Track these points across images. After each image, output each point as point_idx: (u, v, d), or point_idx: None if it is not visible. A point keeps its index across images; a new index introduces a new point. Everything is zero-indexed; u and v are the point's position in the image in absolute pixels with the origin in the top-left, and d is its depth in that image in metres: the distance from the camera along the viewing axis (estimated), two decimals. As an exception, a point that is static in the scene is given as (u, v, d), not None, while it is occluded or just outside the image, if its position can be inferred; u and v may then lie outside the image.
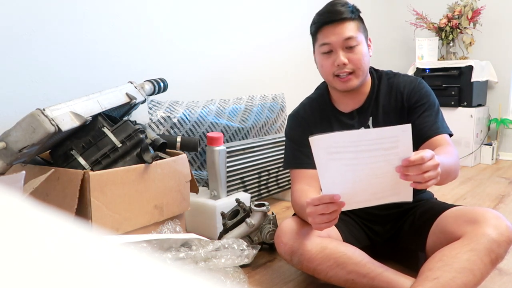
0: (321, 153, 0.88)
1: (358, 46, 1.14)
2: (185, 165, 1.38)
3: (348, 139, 0.88)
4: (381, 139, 0.87)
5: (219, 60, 2.14)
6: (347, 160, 0.88)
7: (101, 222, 1.12)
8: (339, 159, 0.88)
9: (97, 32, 1.61)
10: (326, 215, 0.93)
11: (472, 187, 2.30)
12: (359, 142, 0.87)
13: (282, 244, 1.11)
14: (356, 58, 1.14)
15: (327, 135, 0.87)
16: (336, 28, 1.13)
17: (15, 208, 0.20)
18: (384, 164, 0.89)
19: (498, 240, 0.96)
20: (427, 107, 1.17)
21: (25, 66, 1.42)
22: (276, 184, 2.00)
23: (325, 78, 1.21)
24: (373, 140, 0.87)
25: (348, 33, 1.13)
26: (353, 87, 1.17)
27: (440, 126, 1.16)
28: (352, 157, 0.88)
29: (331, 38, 1.13)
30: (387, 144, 0.87)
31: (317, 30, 1.17)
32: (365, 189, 0.93)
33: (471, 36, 3.00)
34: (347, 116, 1.25)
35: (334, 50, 1.14)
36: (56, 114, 1.08)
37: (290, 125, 1.32)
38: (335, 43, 1.13)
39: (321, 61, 1.18)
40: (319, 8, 1.20)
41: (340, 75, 1.15)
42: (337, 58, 1.14)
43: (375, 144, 0.87)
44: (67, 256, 0.16)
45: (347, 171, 0.89)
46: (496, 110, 3.08)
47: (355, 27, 1.15)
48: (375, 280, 1.03)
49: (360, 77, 1.17)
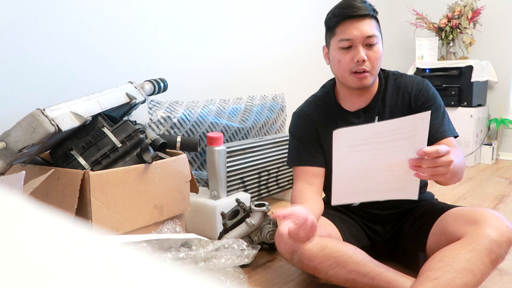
0: (342, 146, 0.88)
1: (377, 45, 1.14)
2: (185, 165, 1.38)
3: (371, 130, 0.89)
4: (401, 128, 0.87)
5: (219, 60, 2.14)
6: (367, 151, 0.89)
7: (101, 222, 1.12)
8: (358, 151, 0.89)
9: (97, 32, 1.61)
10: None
11: (472, 187, 2.30)
12: (381, 134, 0.88)
13: (282, 244, 1.11)
14: (375, 57, 1.13)
15: (351, 128, 0.88)
16: (359, 24, 1.11)
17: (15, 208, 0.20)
18: (400, 154, 0.89)
19: (499, 241, 0.96)
20: (434, 110, 1.17)
21: (25, 66, 1.42)
22: (276, 184, 2.00)
23: (340, 74, 1.18)
24: (394, 130, 0.88)
25: (371, 30, 1.11)
26: (367, 85, 1.16)
27: (447, 129, 1.16)
28: (372, 148, 0.89)
29: (354, 33, 1.11)
30: (406, 133, 0.88)
31: (337, 24, 1.14)
32: (375, 178, 0.94)
33: (471, 36, 3.00)
34: (353, 115, 1.24)
35: (354, 46, 1.12)
36: (56, 114, 1.08)
37: (294, 122, 1.31)
38: (357, 39, 1.11)
39: (338, 56, 1.15)
40: (319, 8, 1.21)
41: (358, 71, 1.14)
42: (357, 53, 1.11)
43: (395, 134, 0.88)
44: (67, 256, 0.16)
45: (363, 162, 0.91)
46: (496, 110, 3.08)
47: (375, 25, 1.14)
48: (375, 280, 1.03)
49: (374, 76, 1.17)
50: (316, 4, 2.70)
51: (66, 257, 0.16)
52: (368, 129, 0.89)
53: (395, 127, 0.88)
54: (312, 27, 2.62)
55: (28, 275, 0.14)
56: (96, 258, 0.17)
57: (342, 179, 0.92)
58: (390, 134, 0.88)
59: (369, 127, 0.89)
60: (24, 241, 0.17)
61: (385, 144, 0.88)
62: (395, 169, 0.92)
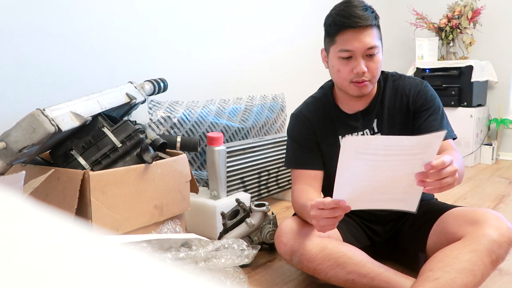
0: (350, 153, 0.86)
1: (378, 55, 1.12)
2: (185, 165, 1.38)
3: (384, 143, 0.86)
4: (415, 145, 0.85)
5: (219, 60, 2.14)
6: (373, 161, 0.87)
7: (101, 222, 1.12)
8: (365, 160, 0.87)
9: (97, 32, 1.61)
10: (330, 218, 0.93)
11: (472, 187, 2.30)
12: (392, 147, 0.85)
13: (282, 244, 1.11)
14: (375, 67, 1.12)
15: (363, 137, 0.86)
16: (360, 35, 1.08)
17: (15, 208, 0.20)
18: (407, 167, 0.88)
19: (499, 241, 0.96)
20: (433, 112, 1.17)
21: (25, 66, 1.41)
22: (276, 184, 2.00)
23: (340, 82, 1.17)
24: (406, 146, 0.86)
25: (372, 41, 1.09)
26: (366, 93, 1.16)
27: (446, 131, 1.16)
28: (379, 159, 0.87)
29: (355, 45, 1.09)
30: (418, 150, 0.86)
31: (337, 33, 1.11)
32: (377, 188, 0.92)
33: (471, 36, 3.00)
34: (351, 117, 1.24)
35: (355, 57, 1.10)
36: (56, 114, 1.08)
37: (292, 124, 1.31)
38: (358, 50, 1.09)
39: (338, 65, 1.14)
40: (319, 8, 1.20)
41: (357, 81, 1.13)
42: (357, 65, 1.10)
43: (406, 150, 0.86)
44: (67, 256, 0.16)
45: (368, 171, 0.88)
46: (496, 110, 3.08)
47: (377, 35, 1.12)
48: (375, 280, 1.03)
49: (374, 84, 1.17)
50: (316, 4, 2.70)
51: (66, 257, 0.16)
52: (380, 141, 0.86)
53: (408, 143, 0.85)
54: (312, 27, 2.62)
55: (28, 275, 0.14)
56: (96, 258, 0.17)
57: (344, 185, 0.91)
58: (400, 149, 0.86)
59: (380, 139, 0.87)
60: (24, 241, 0.17)
61: (393, 157, 0.86)
62: (399, 182, 0.90)
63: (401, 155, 0.86)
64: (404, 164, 0.87)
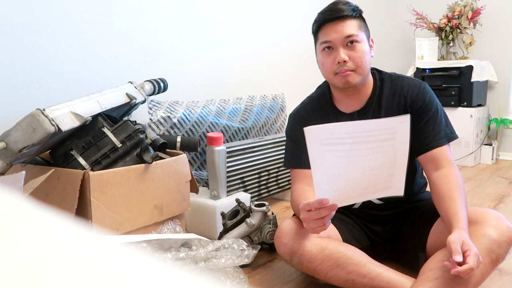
0: (316, 145, 0.85)
1: (359, 44, 1.13)
2: (185, 165, 1.38)
3: (345, 130, 0.86)
4: (379, 130, 0.85)
5: (219, 60, 2.14)
6: (342, 152, 0.86)
7: (101, 222, 1.12)
8: (333, 151, 0.86)
9: (98, 32, 1.61)
10: (319, 219, 0.93)
11: (472, 187, 2.30)
12: (355, 134, 0.85)
13: (282, 245, 1.11)
14: (357, 56, 1.13)
15: (323, 125, 0.85)
16: (337, 26, 1.12)
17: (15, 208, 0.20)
18: (379, 155, 0.87)
19: (499, 241, 0.96)
20: (431, 115, 1.15)
21: (25, 66, 1.41)
22: (276, 184, 2.00)
23: (326, 76, 1.20)
24: (370, 132, 0.85)
25: (349, 30, 1.12)
26: (353, 84, 1.15)
27: (443, 136, 1.14)
28: (348, 149, 0.86)
29: (332, 35, 1.13)
30: (384, 135, 0.85)
31: (318, 29, 1.17)
32: (358, 182, 0.91)
33: (471, 36, 3.00)
34: (347, 117, 1.24)
35: (335, 48, 1.13)
36: (56, 114, 1.08)
37: (290, 124, 1.31)
38: (336, 41, 1.12)
39: (322, 59, 1.17)
40: (318, 8, 1.20)
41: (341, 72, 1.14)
42: (337, 55, 1.12)
43: (372, 136, 0.85)
44: (67, 256, 0.16)
45: (341, 163, 0.87)
46: (496, 110, 3.08)
47: (356, 25, 1.14)
48: (375, 280, 1.03)
49: (361, 75, 1.15)
50: (316, 5, 2.69)
51: (66, 257, 0.16)
52: (339, 128, 0.85)
53: (371, 128, 0.85)
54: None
55: (28, 276, 0.14)
56: (96, 259, 0.17)
57: (322, 183, 0.89)
58: (365, 135, 0.85)
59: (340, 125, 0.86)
60: (24, 241, 0.17)
61: (361, 145, 0.85)
62: (379, 174, 0.90)
63: (368, 142, 0.86)
64: (376, 152, 0.87)
